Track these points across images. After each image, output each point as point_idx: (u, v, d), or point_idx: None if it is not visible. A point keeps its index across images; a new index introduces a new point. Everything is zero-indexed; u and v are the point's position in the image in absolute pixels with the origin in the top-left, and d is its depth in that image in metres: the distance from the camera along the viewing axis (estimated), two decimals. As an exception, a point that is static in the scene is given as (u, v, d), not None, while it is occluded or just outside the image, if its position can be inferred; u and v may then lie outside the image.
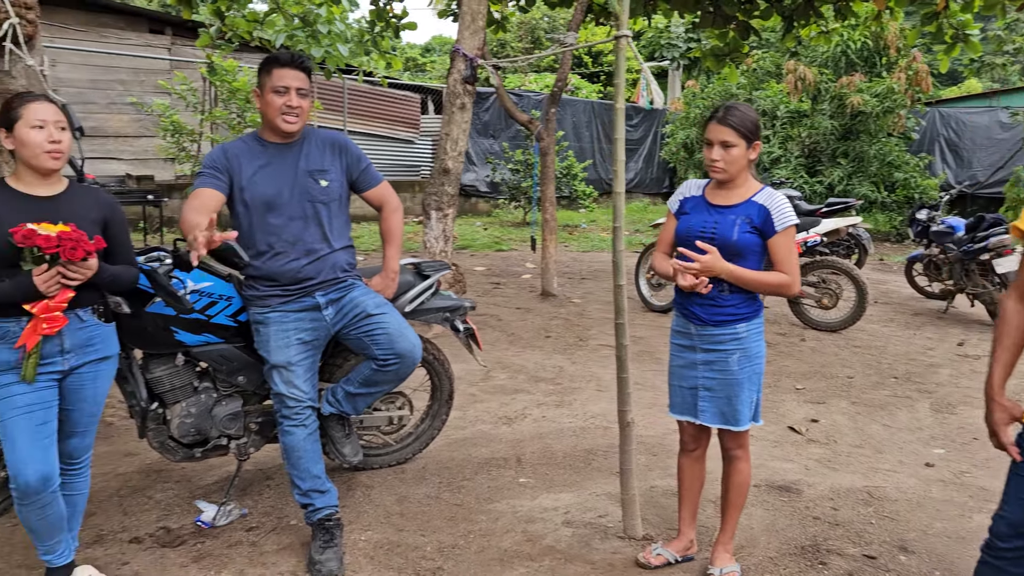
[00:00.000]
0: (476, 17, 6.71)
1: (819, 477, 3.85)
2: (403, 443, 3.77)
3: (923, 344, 6.75)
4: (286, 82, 2.88)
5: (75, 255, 2.35)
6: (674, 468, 3.85)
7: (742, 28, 8.77)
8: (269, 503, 3.40)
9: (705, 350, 2.79)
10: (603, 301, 8.17)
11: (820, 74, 13.67)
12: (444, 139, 6.66)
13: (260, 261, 2.94)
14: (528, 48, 23.64)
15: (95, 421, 2.68)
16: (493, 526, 3.26)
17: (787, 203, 2.70)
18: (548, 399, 4.95)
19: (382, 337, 3.01)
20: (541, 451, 4.08)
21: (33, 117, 2.44)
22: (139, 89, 12.24)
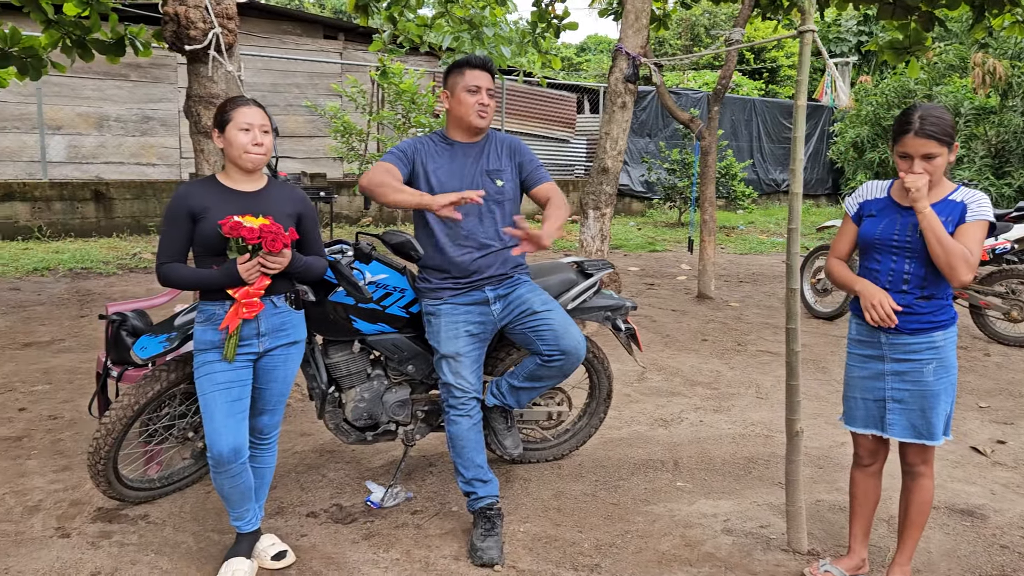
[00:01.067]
0: (640, 15, 6.66)
1: (1007, 503, 3.56)
2: (560, 439, 3.81)
3: None
4: (478, 82, 3.03)
5: (275, 246, 2.54)
6: (841, 482, 3.71)
7: (925, 19, 8.20)
8: (432, 488, 3.53)
9: (896, 360, 2.63)
10: (762, 306, 7.90)
11: (1012, 67, 12.57)
12: (604, 138, 6.66)
13: (435, 253, 3.07)
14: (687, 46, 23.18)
15: (283, 400, 2.88)
16: (650, 528, 3.24)
17: (986, 200, 2.53)
18: (705, 404, 4.84)
19: (547, 333, 3.05)
20: (699, 456, 4.00)
21: (242, 120, 2.66)
22: (313, 92, 13.02)
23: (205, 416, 2.66)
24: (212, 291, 2.65)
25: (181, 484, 3.37)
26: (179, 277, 2.66)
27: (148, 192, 10.86)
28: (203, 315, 2.70)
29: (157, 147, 11.99)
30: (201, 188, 2.70)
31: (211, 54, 3.99)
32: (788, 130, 18.29)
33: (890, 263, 2.61)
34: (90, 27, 6.46)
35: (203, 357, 2.68)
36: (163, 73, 11.89)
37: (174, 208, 2.65)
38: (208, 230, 2.61)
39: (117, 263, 9.08)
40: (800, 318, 3.05)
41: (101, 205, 10.55)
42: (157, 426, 3.15)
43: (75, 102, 11.38)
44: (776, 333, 6.75)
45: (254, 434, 2.82)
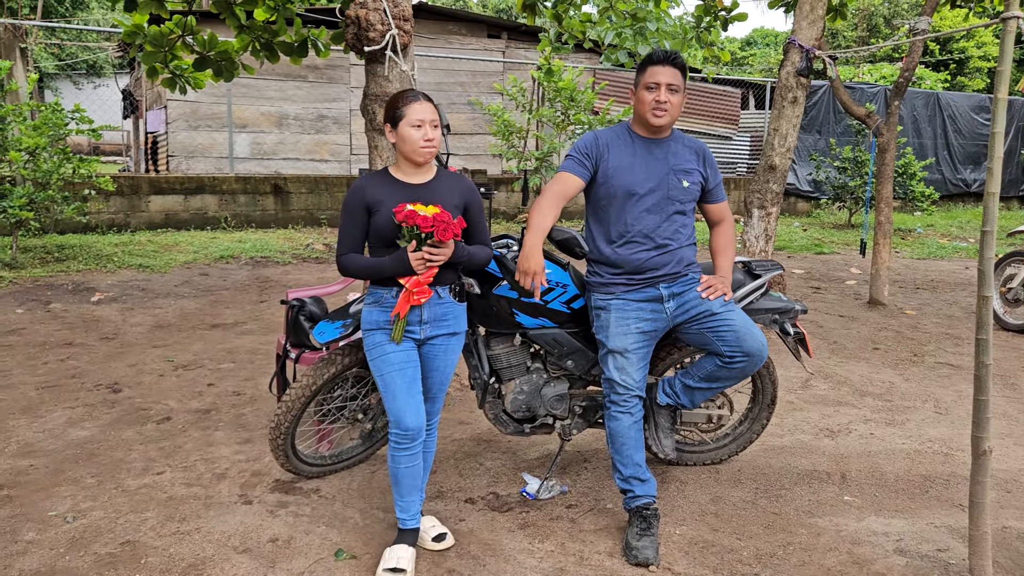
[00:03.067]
0: (815, 6, 6.37)
1: None
2: (719, 443, 3.71)
3: None
4: (657, 79, 2.99)
5: (446, 236, 2.63)
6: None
7: None
8: (586, 484, 3.54)
9: None
10: (942, 315, 7.35)
11: None
12: (772, 134, 6.42)
13: (611, 248, 3.07)
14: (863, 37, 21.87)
15: (444, 389, 2.98)
16: (815, 541, 3.09)
17: None
18: (876, 416, 4.57)
19: (729, 335, 2.99)
20: (869, 470, 3.78)
21: (414, 116, 2.76)
22: (476, 90, 13.35)
23: (386, 395, 2.78)
24: (382, 278, 2.78)
25: (350, 462, 3.55)
26: (356, 266, 2.81)
27: (321, 187, 11.52)
28: (372, 297, 2.84)
29: (330, 144, 12.70)
30: (375, 181, 2.83)
31: (388, 54, 4.18)
32: (979, 125, 16.91)
33: None
34: (277, 31, 6.94)
35: (373, 338, 2.81)
36: (337, 74, 12.57)
37: (352, 201, 2.80)
38: (382, 221, 2.74)
39: (292, 252, 9.71)
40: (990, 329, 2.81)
41: (279, 198, 11.31)
42: (330, 407, 3.34)
43: (259, 102, 12.26)
44: (958, 345, 6.26)
45: None
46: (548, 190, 3.02)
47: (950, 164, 16.57)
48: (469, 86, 13.38)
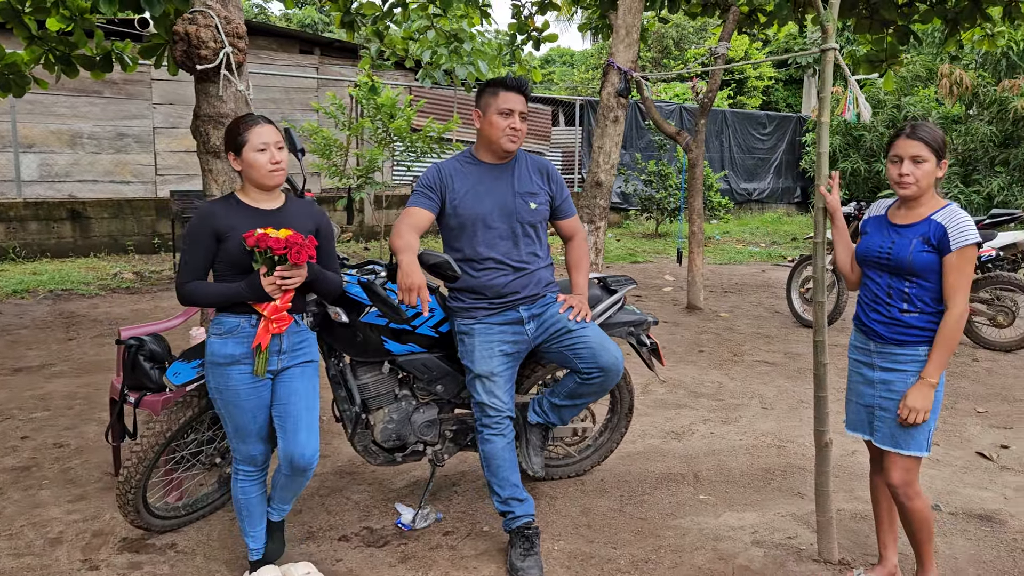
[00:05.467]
0: (630, 30, 6.74)
1: (1021, 507, 3.64)
2: (583, 455, 3.82)
3: (1113, 368, 6.25)
4: (511, 105, 3.01)
5: (300, 258, 2.54)
6: (859, 490, 3.77)
7: (901, 33, 8.41)
8: (460, 508, 3.52)
9: (884, 369, 2.71)
10: (751, 316, 8.00)
11: (978, 78, 12.93)
12: (597, 152, 6.72)
13: (469, 275, 3.06)
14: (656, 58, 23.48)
15: (314, 413, 2.78)
16: (682, 542, 3.26)
17: (968, 221, 2.57)
18: (713, 415, 4.89)
19: (585, 351, 3.06)
20: (717, 468, 4.04)
21: (257, 140, 2.64)
22: (289, 107, 12.93)
23: (235, 437, 2.75)
24: (235, 304, 2.65)
25: (206, 510, 3.31)
26: (204, 294, 2.64)
27: (125, 210, 10.68)
28: (223, 328, 2.66)
29: (132, 164, 11.80)
30: (225, 207, 2.68)
31: (223, 73, 3.95)
32: (758, 141, 18.59)
33: (876, 276, 2.74)
34: (75, 43, 6.37)
35: (225, 377, 2.65)
36: (137, 89, 11.72)
37: (198, 227, 2.63)
38: (234, 248, 2.60)
39: (98, 283, 8.92)
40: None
41: (77, 224, 10.35)
42: (185, 453, 3.10)
43: (47, 119, 11.16)
44: (769, 343, 6.84)
45: (294, 460, 2.78)
46: (400, 222, 2.99)
47: (735, 176, 18.10)
48: (282, 103, 12.94)
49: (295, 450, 2.70)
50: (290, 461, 2.71)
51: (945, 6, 8.06)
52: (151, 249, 11.11)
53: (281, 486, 2.84)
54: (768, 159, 18.68)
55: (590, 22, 10.24)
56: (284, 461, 2.73)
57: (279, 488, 2.86)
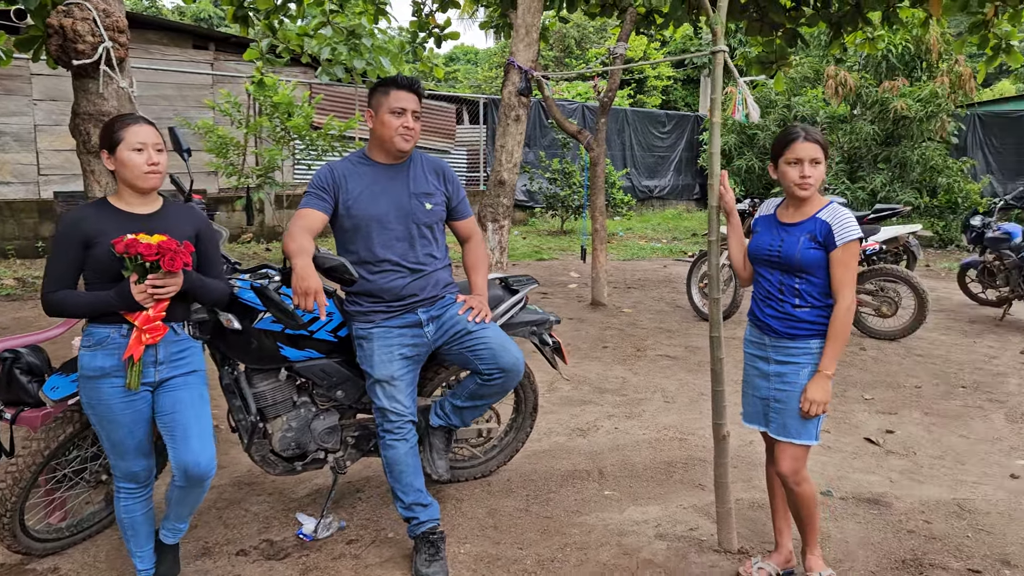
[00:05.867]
0: (530, 30, 6.76)
1: (905, 489, 3.83)
2: (489, 455, 3.80)
3: (985, 352, 6.67)
4: (403, 104, 2.96)
5: (174, 265, 2.43)
6: (755, 480, 3.89)
7: (789, 35, 8.74)
8: (364, 516, 3.44)
9: (778, 362, 2.80)
10: (653, 311, 8.16)
11: (861, 79, 13.59)
12: (499, 151, 6.72)
13: (365, 278, 2.99)
14: (558, 57, 23.72)
15: (205, 422, 2.65)
16: (587, 539, 3.28)
17: (851, 218, 2.69)
18: (617, 411, 4.96)
19: (485, 352, 3.04)
20: (621, 463, 4.09)
21: (134, 140, 2.52)
22: (183, 104, 12.44)
23: (113, 454, 2.63)
24: (105, 314, 2.51)
25: (92, 531, 3.13)
26: (73, 304, 2.50)
27: (5, 213, 10.04)
28: (92, 339, 2.53)
29: (11, 164, 11.11)
30: (95, 212, 2.54)
31: (103, 69, 3.75)
32: (658, 139, 19.03)
33: (768, 274, 2.83)
34: (-58, 35, 5.94)
35: (97, 390, 2.53)
36: (16, 84, 11.03)
37: (66, 233, 2.49)
38: (103, 255, 2.47)
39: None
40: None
41: (-51, 228, 9.67)
42: (67, 471, 2.92)
43: (-88, 115, 10.39)
44: (671, 337, 6.99)
45: (188, 470, 2.65)
46: (293, 225, 2.90)
47: (636, 173, 18.48)
48: (175, 100, 12.43)
49: (188, 458, 2.57)
50: (184, 471, 2.58)
51: (829, 10, 8.41)
52: (34, 253, 10.50)
53: (176, 501, 2.71)
54: (668, 157, 19.14)
55: (491, 20, 10.23)
56: (178, 472, 2.60)
57: (175, 504, 2.72)
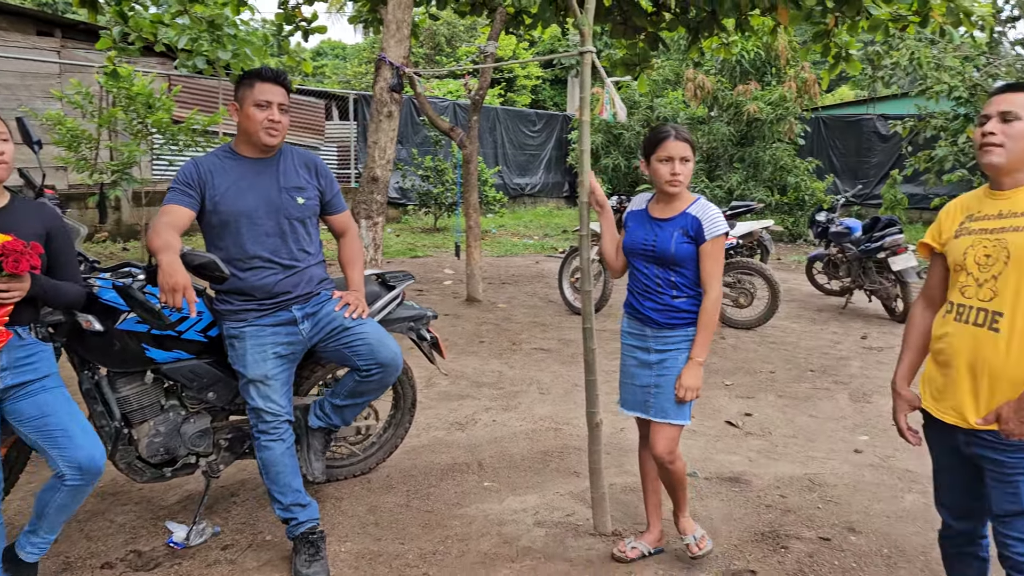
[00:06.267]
0: (401, 26, 6.74)
1: (763, 467, 4.09)
2: (368, 452, 3.78)
3: (830, 338, 7.20)
4: (268, 96, 2.89)
5: (19, 267, 2.30)
6: (627, 465, 4.05)
7: (651, 39, 9.11)
8: (239, 520, 3.35)
9: (659, 351, 2.94)
10: (527, 305, 8.32)
11: (717, 83, 14.31)
12: (372, 147, 6.66)
13: (236, 275, 2.91)
14: (429, 55, 23.67)
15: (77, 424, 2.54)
16: (468, 530, 3.33)
17: (719, 214, 2.87)
18: (494, 404, 5.03)
19: (363, 348, 3.02)
20: (499, 455, 4.16)
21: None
22: (27, 95, 11.59)
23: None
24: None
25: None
26: None
27: None
28: None
29: None
30: None
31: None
32: (529, 138, 19.35)
33: (645, 267, 2.96)
34: None
35: None
36: None
37: None
38: None
39: None
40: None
41: None
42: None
43: None
44: (545, 331, 7.15)
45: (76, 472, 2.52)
46: (158, 221, 2.78)
47: (508, 171, 18.73)
48: (19, 89, 11.55)
49: (81, 454, 2.48)
50: (79, 467, 2.48)
51: (688, 16, 8.83)
52: None
53: (59, 507, 2.56)
54: (539, 155, 19.48)
55: (360, 15, 10.09)
56: (71, 471, 2.48)
57: (55, 511, 2.56)
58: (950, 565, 2.47)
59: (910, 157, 12.72)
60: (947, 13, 6.68)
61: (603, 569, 3.04)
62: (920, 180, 13.08)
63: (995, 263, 2.11)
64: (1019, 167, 2.14)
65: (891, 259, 7.60)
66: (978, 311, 2.13)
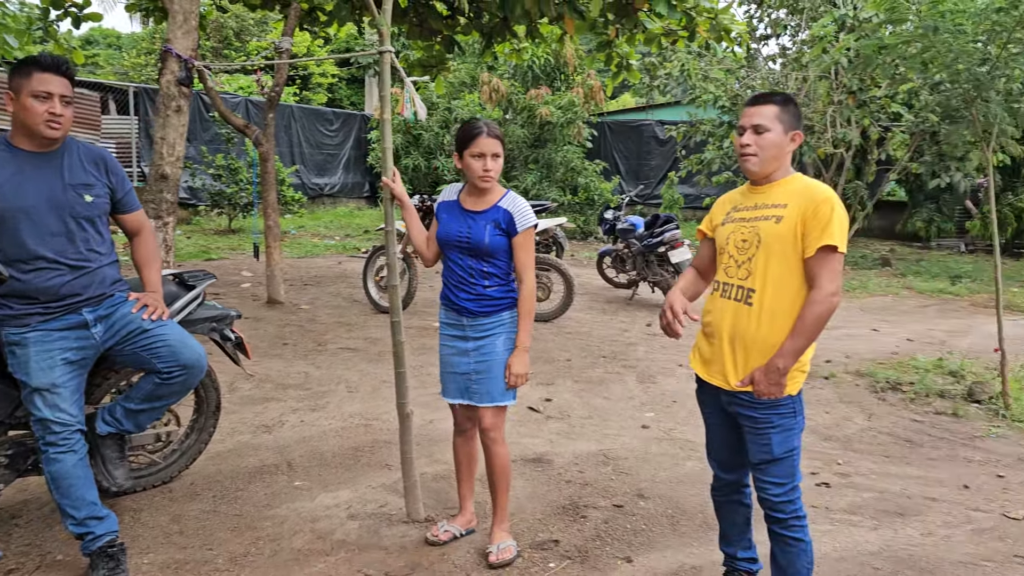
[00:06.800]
0: (188, 16, 6.43)
1: (562, 447, 4.38)
2: (169, 460, 3.63)
3: (620, 327, 7.75)
4: (49, 87, 2.71)
5: None
6: (437, 454, 4.19)
7: (447, 41, 9.31)
8: (23, 542, 3.11)
9: (476, 338, 3.10)
10: (331, 306, 8.23)
11: (512, 87, 14.83)
12: (160, 143, 6.31)
13: (16, 277, 2.71)
14: (217, 48, 22.54)
15: None
16: (280, 530, 3.30)
17: (528, 206, 3.09)
18: (301, 404, 4.98)
19: (164, 350, 2.92)
20: (309, 454, 4.14)
21: None
22: None
23: None
24: None
25: None
26: None
27: None
28: None
29: None
30: None
31: None
32: (327, 137, 18.99)
33: (459, 259, 3.10)
34: None
35: None
36: None
37: None
38: None
39: None
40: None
41: None
42: None
43: None
44: (350, 330, 7.13)
45: None
46: None
47: (306, 171, 18.30)
48: None
49: None
50: None
51: (481, 21, 9.11)
52: None
53: None
54: (337, 155, 19.17)
55: (140, 3, 9.48)
56: None
57: None
58: (721, 513, 2.82)
59: (684, 160, 13.86)
60: (710, 29, 7.41)
61: (417, 553, 3.14)
62: (693, 181, 14.28)
63: (750, 247, 2.46)
64: (771, 169, 2.50)
65: (670, 253, 8.31)
66: (736, 288, 2.48)
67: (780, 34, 13.88)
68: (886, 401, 5.49)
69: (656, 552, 3.22)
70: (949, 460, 4.39)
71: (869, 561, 3.16)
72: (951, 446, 4.62)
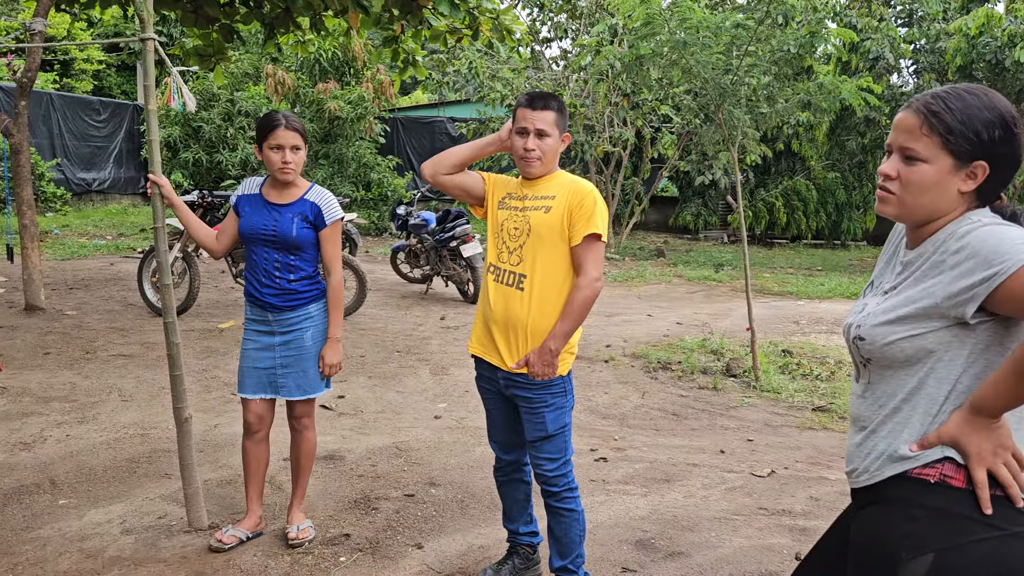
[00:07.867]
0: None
1: (355, 443, 4.37)
2: (-97, 489, 3.23)
3: (414, 321, 7.82)
4: None
5: None
6: (223, 460, 4.05)
7: (225, 30, 8.90)
8: None
9: (283, 332, 3.07)
10: (102, 310, 7.63)
11: (298, 79, 14.42)
12: None
13: None
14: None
15: None
16: (42, 553, 3.05)
17: (334, 200, 3.13)
18: (67, 417, 4.59)
19: None
20: (76, 470, 3.84)
21: None
22: None
23: None
24: None
25: None
26: None
27: None
28: None
29: None
30: None
31: None
32: (94, 128, 17.47)
33: (264, 253, 3.06)
34: None
35: None
36: None
37: None
38: None
39: None
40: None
41: None
42: None
43: None
44: (125, 336, 6.65)
45: None
46: None
47: (70, 165, 16.75)
48: None
49: None
50: None
51: (262, 10, 8.80)
52: None
53: None
54: (107, 148, 17.68)
55: None
56: None
57: None
58: (503, 492, 2.96)
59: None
60: (493, 29, 7.64)
61: (200, 562, 3.02)
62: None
63: (521, 235, 2.60)
64: (549, 169, 2.65)
65: (462, 247, 8.48)
66: (509, 273, 2.61)
67: (562, 37, 14.58)
68: (658, 380, 5.97)
69: (446, 536, 3.31)
70: (709, 429, 4.87)
71: (639, 525, 3.44)
72: (711, 416, 5.12)
